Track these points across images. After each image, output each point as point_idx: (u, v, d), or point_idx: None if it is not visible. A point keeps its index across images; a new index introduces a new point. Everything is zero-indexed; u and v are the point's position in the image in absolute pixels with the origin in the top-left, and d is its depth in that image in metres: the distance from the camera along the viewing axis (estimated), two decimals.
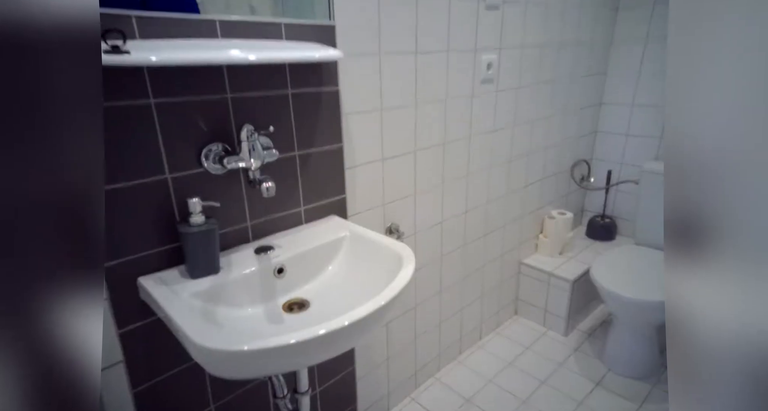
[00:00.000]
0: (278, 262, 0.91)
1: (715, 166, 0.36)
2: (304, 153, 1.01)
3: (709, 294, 0.38)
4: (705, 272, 0.38)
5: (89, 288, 0.33)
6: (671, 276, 0.40)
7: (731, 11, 0.32)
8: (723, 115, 0.35)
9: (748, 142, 0.34)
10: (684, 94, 0.36)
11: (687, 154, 0.37)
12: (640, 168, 1.92)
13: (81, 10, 0.29)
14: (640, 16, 1.85)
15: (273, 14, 0.88)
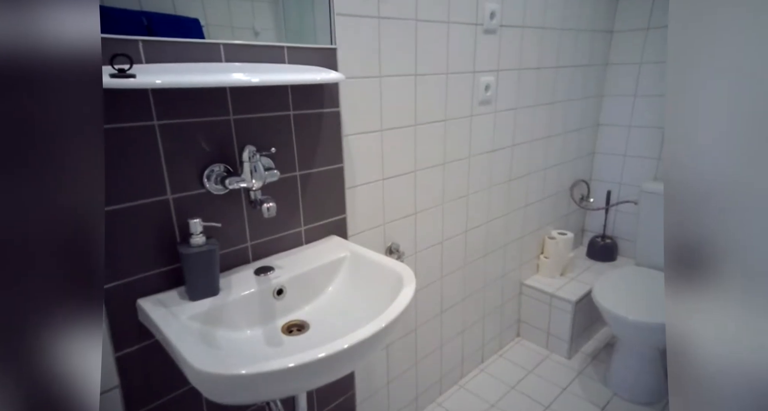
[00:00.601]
0: (278, 283, 0.90)
1: (714, 191, 0.36)
2: (305, 173, 1.01)
3: (710, 320, 0.38)
4: (705, 298, 0.38)
5: (88, 314, 0.32)
6: (672, 301, 0.40)
7: (731, 33, 0.33)
8: (723, 139, 0.35)
9: (749, 168, 0.34)
10: (683, 118, 0.37)
11: (687, 179, 0.37)
12: (639, 188, 1.93)
13: (83, 40, 0.29)
14: (635, 39, 1.90)
15: (276, 38, 0.90)
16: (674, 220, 0.38)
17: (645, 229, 1.88)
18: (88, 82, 0.30)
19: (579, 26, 1.73)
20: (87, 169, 0.31)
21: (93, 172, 0.31)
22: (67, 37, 0.28)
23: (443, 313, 1.57)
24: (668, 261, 0.40)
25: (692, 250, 0.38)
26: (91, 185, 0.31)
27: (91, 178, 0.31)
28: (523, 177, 1.74)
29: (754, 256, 0.35)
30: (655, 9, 1.81)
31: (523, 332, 2.00)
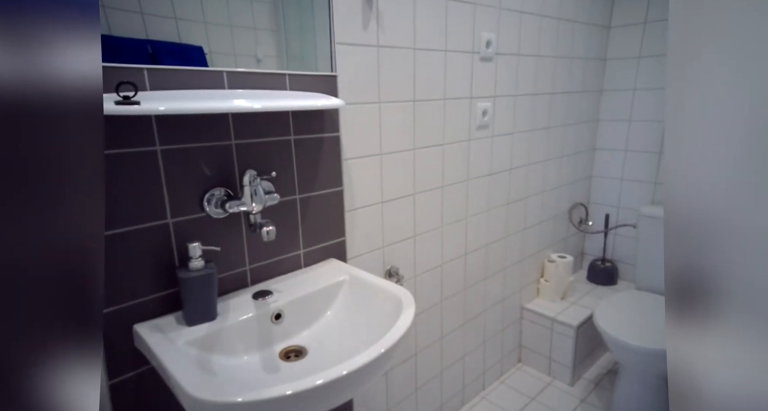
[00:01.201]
0: (276, 308, 0.89)
1: (714, 225, 0.36)
2: (305, 196, 1.02)
3: (712, 351, 0.37)
4: (706, 328, 0.37)
5: (86, 347, 0.32)
6: (672, 330, 0.39)
7: (728, 60, 0.34)
8: (723, 168, 0.35)
9: (749, 199, 0.34)
10: (683, 151, 0.37)
11: (686, 213, 0.38)
12: (637, 212, 1.94)
13: (85, 77, 0.29)
14: (628, 66, 1.95)
15: (278, 65, 0.93)
16: (674, 248, 0.39)
17: (644, 253, 1.87)
18: (89, 116, 0.30)
19: (573, 54, 1.78)
20: (87, 201, 0.31)
21: (93, 205, 0.31)
22: (69, 73, 0.29)
23: (443, 338, 1.55)
24: (668, 290, 0.40)
25: (692, 279, 0.38)
26: (91, 217, 0.31)
27: (91, 210, 0.31)
28: (522, 200, 1.75)
29: (754, 287, 0.35)
30: (646, 38, 1.87)
31: (525, 358, 1.96)
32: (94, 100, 0.30)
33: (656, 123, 1.92)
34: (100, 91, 0.31)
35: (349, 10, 1.01)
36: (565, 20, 1.69)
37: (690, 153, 0.37)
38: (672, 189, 0.38)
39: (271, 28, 0.92)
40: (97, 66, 0.30)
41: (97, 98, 0.31)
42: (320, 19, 0.98)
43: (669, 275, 0.39)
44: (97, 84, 0.30)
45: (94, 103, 0.30)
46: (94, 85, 0.30)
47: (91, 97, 0.30)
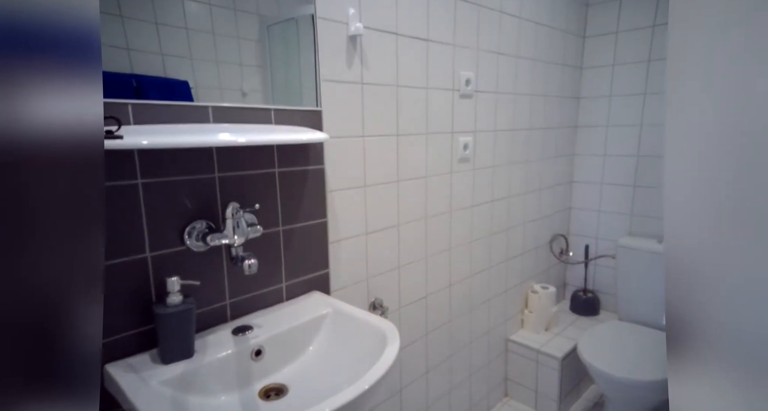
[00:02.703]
0: (256, 344, 0.86)
1: (711, 271, 0.38)
2: (288, 228, 1.02)
3: (704, 393, 0.38)
4: (704, 376, 0.38)
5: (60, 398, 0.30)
6: (672, 373, 0.40)
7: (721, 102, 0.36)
8: (720, 216, 0.37)
9: (745, 255, 0.36)
10: (681, 200, 0.39)
11: (685, 259, 0.39)
12: (615, 243, 1.98)
13: (85, 124, 0.30)
14: (600, 105, 2.06)
15: (263, 99, 0.95)
16: (672, 295, 0.40)
17: (624, 283, 1.90)
18: (89, 168, 0.30)
19: (547, 92, 1.87)
20: (84, 246, 0.30)
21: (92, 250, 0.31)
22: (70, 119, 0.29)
23: (429, 372, 1.52)
24: (669, 331, 0.41)
25: (690, 328, 0.39)
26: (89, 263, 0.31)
27: (89, 254, 0.31)
28: (504, 231, 1.77)
29: (747, 331, 0.36)
30: (615, 78, 1.98)
31: (511, 391, 1.92)
32: (96, 144, 0.30)
33: (629, 157, 2.00)
34: (101, 134, 0.31)
35: (334, 49, 1.05)
36: (540, 61, 1.78)
37: (688, 203, 0.38)
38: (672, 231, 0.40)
39: (258, 65, 0.95)
40: (99, 112, 0.30)
41: (99, 142, 0.30)
42: (306, 57, 1.01)
43: (668, 315, 0.40)
44: (99, 128, 0.30)
45: (95, 148, 0.30)
46: (95, 129, 0.30)
47: (92, 140, 0.30)
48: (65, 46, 0.28)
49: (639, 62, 1.91)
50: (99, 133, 0.30)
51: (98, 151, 0.30)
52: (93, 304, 0.31)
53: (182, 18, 0.80)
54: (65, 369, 0.29)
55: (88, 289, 0.30)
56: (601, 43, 2.00)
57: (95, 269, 0.31)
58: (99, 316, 0.31)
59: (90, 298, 0.31)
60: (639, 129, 1.95)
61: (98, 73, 0.30)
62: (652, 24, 1.85)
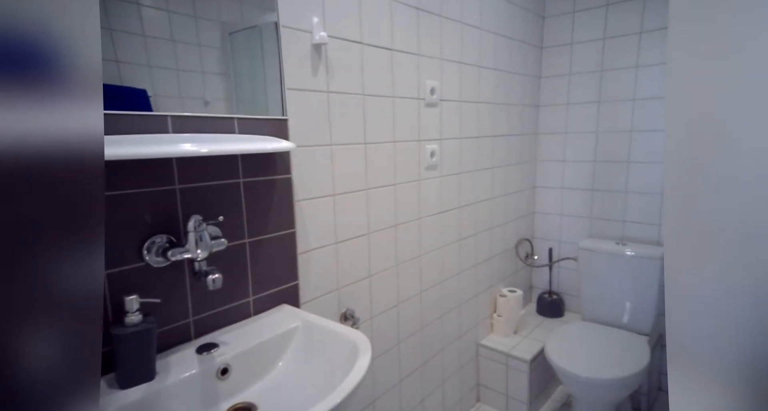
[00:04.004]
0: (222, 362, 0.83)
1: None
2: (254, 240, 0.99)
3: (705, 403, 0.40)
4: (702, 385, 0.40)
5: None
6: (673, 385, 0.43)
7: None
8: None
9: None
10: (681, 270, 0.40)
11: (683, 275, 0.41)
12: (577, 245, 2.06)
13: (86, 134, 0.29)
14: (558, 112, 2.14)
15: (227, 108, 0.92)
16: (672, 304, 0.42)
17: (586, 284, 1.98)
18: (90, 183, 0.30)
19: (509, 101, 1.94)
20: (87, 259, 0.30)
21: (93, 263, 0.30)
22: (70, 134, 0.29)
23: (402, 382, 1.51)
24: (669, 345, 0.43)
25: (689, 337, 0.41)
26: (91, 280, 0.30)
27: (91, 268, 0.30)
28: (472, 237, 1.80)
29: None
30: (571, 87, 2.08)
31: (483, 396, 1.94)
32: (96, 157, 0.30)
33: (587, 163, 2.09)
34: (101, 147, 0.31)
35: (298, 58, 1.04)
36: (501, 70, 1.84)
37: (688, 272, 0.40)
38: None
39: (221, 73, 0.92)
40: (99, 124, 0.30)
41: (99, 155, 0.30)
42: (270, 65, 1.00)
43: None
44: (99, 141, 0.30)
45: (96, 161, 0.30)
46: (96, 143, 0.30)
47: (93, 153, 0.30)
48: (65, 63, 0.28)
49: (592, 72, 2.01)
50: (100, 145, 0.30)
51: (98, 162, 0.30)
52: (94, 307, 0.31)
53: (139, 24, 0.77)
54: (65, 372, 0.30)
55: (89, 295, 0.31)
56: (558, 53, 2.10)
57: (96, 279, 0.31)
58: (99, 321, 0.31)
59: (91, 305, 0.31)
60: (595, 135, 2.05)
61: (99, 87, 0.30)
62: (603, 37, 1.95)
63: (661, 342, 1.96)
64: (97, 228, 0.31)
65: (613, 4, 1.90)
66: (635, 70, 1.89)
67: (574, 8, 2.01)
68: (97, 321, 0.31)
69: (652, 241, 1.93)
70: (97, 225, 0.30)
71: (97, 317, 0.31)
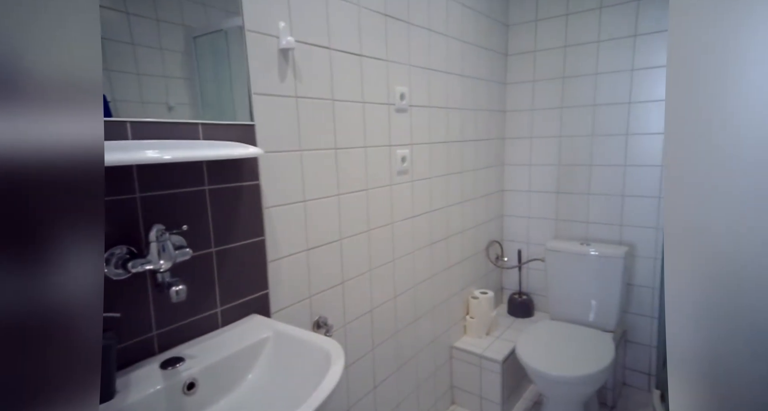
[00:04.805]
0: (189, 376, 0.80)
1: None
2: (221, 249, 0.96)
3: None
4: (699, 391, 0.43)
5: None
6: None
7: None
8: None
9: None
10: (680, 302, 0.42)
11: None
12: (544, 246, 2.12)
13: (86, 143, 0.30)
14: (523, 118, 2.21)
15: (192, 114, 0.90)
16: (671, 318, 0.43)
17: (553, 284, 2.03)
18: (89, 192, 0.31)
19: (477, 106, 1.98)
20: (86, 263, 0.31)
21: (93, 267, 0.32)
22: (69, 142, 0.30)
23: (377, 388, 1.50)
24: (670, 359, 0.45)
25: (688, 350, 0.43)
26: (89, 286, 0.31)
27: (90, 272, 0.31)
28: (443, 240, 1.82)
29: None
30: (536, 93, 2.15)
31: (458, 399, 1.96)
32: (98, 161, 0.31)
33: (551, 166, 2.16)
34: (102, 152, 0.32)
35: (265, 62, 1.03)
36: (468, 77, 1.88)
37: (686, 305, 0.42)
38: None
39: (185, 77, 0.90)
40: (99, 130, 0.31)
41: (100, 159, 0.31)
42: (237, 70, 0.98)
43: None
44: (100, 146, 0.31)
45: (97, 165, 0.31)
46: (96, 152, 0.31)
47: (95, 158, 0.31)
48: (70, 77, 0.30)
49: (555, 79, 2.08)
50: (101, 150, 0.32)
51: (99, 169, 0.32)
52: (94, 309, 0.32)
53: None
54: (64, 375, 0.30)
55: (89, 298, 0.32)
56: (522, 60, 2.16)
57: (96, 281, 0.32)
58: (99, 325, 0.33)
59: (91, 309, 0.32)
60: (558, 140, 2.12)
61: (99, 98, 0.32)
62: (564, 45, 2.03)
63: (625, 338, 2.04)
64: (98, 229, 0.32)
65: (573, 14, 1.98)
66: (594, 77, 1.97)
67: (537, 17, 2.09)
68: (97, 321, 0.32)
69: (614, 241, 2.01)
70: (98, 226, 0.32)
71: (97, 318, 0.32)
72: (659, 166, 1.87)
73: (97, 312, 0.33)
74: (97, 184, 0.31)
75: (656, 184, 1.88)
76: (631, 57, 1.87)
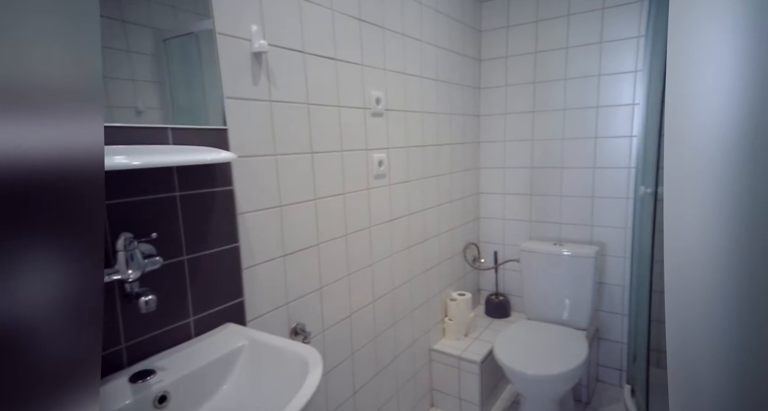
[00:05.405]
0: (160, 389, 0.77)
1: None
2: (194, 257, 0.94)
3: None
4: None
5: None
6: None
7: None
8: None
9: None
10: None
11: None
12: (519, 247, 2.16)
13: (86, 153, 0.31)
14: (497, 122, 2.25)
15: (163, 118, 0.87)
16: None
17: (528, 284, 2.07)
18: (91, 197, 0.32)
19: (452, 111, 2.01)
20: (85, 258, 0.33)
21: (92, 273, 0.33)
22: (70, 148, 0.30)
23: (356, 393, 1.49)
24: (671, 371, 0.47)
25: None
26: None
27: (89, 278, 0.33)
28: (421, 243, 1.83)
29: None
30: (508, 97, 2.19)
31: (437, 401, 1.97)
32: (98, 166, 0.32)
33: (525, 169, 2.21)
34: (102, 157, 0.32)
35: (237, 66, 1.01)
36: (442, 81, 1.91)
37: None
38: None
39: (154, 80, 0.87)
40: (100, 135, 0.32)
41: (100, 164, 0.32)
42: (209, 74, 0.96)
43: None
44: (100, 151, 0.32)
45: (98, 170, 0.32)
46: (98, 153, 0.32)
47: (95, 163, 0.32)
48: None
49: (526, 84, 2.13)
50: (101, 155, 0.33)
51: (99, 170, 0.33)
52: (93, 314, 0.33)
53: None
54: (63, 380, 0.31)
55: (88, 300, 0.33)
56: (495, 66, 2.21)
57: (96, 282, 0.33)
58: (100, 323, 0.34)
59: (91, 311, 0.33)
60: (531, 143, 2.17)
61: (100, 105, 0.33)
62: (534, 51, 2.09)
63: (597, 335, 2.10)
64: (98, 230, 0.33)
65: (542, 20, 2.04)
66: (564, 82, 2.03)
67: (508, 23, 2.14)
68: (97, 322, 0.33)
69: (585, 241, 2.07)
70: (98, 228, 0.33)
71: (97, 319, 0.34)
72: (626, 168, 1.94)
73: (98, 311, 0.33)
74: (99, 186, 0.33)
75: (624, 185, 1.95)
76: (598, 63, 1.94)
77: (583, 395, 1.98)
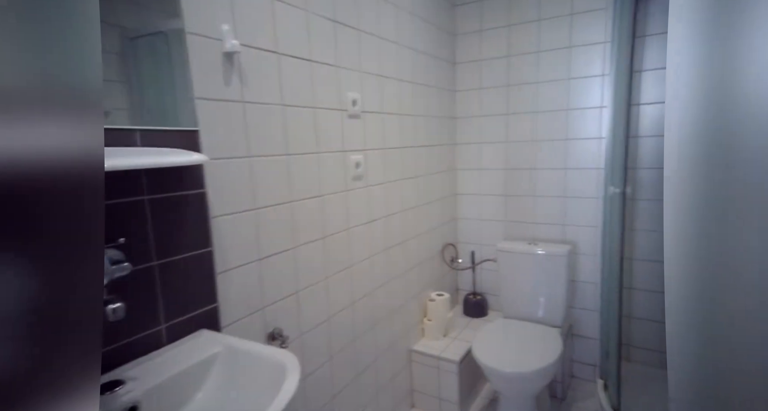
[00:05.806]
0: (130, 400, 0.74)
1: None
2: (165, 262, 0.91)
3: None
4: None
5: None
6: None
7: None
8: None
9: None
10: None
11: None
12: (495, 247, 2.19)
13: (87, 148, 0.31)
14: (472, 124, 2.29)
15: (131, 119, 0.85)
16: None
17: (504, 283, 2.11)
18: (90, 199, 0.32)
19: (428, 113, 2.02)
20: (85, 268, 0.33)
21: None
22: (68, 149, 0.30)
23: (335, 397, 1.47)
24: None
25: None
26: None
27: None
28: (400, 244, 1.83)
29: None
30: (483, 100, 2.23)
31: (417, 402, 1.97)
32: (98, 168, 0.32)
33: (499, 170, 2.25)
34: (102, 159, 0.32)
35: (208, 66, 0.99)
36: (419, 84, 1.92)
37: None
38: None
39: (121, 80, 0.84)
40: (100, 137, 0.32)
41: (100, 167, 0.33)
42: (180, 74, 0.94)
43: None
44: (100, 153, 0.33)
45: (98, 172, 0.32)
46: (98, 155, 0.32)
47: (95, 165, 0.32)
48: None
49: (500, 87, 2.17)
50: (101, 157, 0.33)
51: (99, 175, 0.33)
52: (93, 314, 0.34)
53: None
54: (63, 379, 0.31)
55: (87, 300, 0.33)
56: (469, 69, 2.24)
57: (96, 284, 0.34)
58: (100, 324, 0.35)
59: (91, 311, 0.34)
60: (505, 145, 2.21)
61: (100, 108, 0.34)
62: (507, 54, 2.13)
63: (571, 332, 2.15)
64: (98, 232, 0.34)
65: (514, 25, 2.09)
66: (536, 86, 2.08)
67: (481, 27, 2.17)
68: (98, 323, 0.34)
69: (558, 240, 2.12)
70: (98, 229, 0.33)
71: (98, 319, 0.34)
72: (596, 169, 2.00)
73: (98, 311, 0.34)
74: (98, 187, 0.33)
75: (594, 185, 2.01)
76: (568, 67, 1.99)
77: (558, 391, 2.02)
